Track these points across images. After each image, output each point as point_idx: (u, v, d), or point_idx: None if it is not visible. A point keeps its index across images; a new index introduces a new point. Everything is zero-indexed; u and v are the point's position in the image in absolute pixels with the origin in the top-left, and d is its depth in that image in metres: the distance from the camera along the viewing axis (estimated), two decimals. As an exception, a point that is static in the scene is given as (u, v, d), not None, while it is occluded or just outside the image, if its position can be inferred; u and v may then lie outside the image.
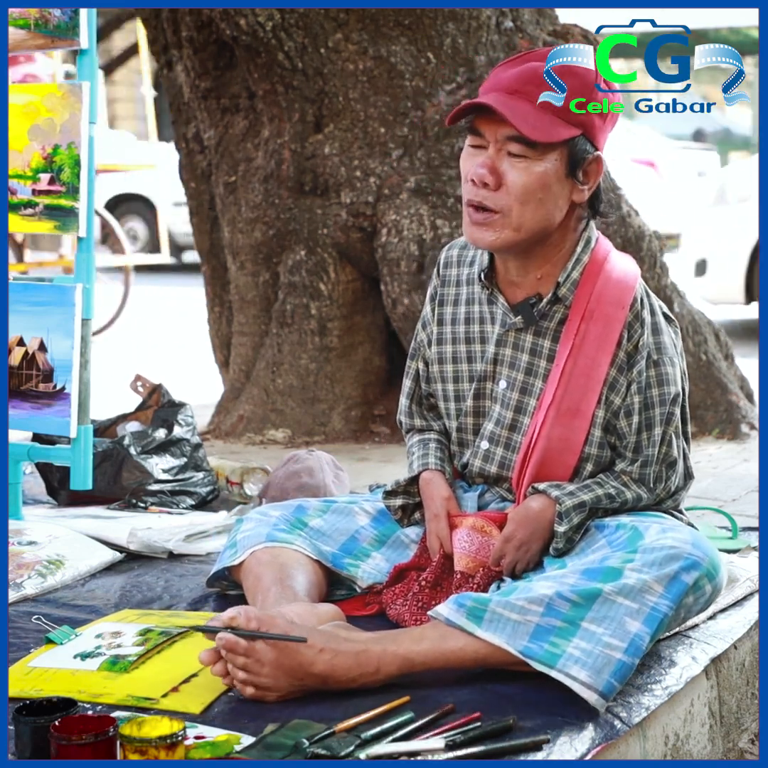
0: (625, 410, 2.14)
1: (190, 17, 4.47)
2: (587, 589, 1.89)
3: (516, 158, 2.05)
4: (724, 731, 2.12)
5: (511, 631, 1.88)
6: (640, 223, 4.47)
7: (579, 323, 2.14)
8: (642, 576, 1.91)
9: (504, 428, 2.22)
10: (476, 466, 2.27)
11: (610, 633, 1.86)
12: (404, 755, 1.68)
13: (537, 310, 2.16)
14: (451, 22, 4.27)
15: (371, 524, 2.35)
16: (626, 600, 1.89)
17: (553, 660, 1.85)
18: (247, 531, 2.31)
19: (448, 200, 4.26)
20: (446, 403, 2.32)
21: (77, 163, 2.78)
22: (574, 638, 1.86)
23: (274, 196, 4.48)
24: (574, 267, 2.15)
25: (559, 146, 2.05)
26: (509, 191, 2.05)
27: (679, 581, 1.92)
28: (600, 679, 1.83)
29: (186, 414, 3.34)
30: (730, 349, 4.68)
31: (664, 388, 2.14)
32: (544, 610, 1.88)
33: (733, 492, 3.59)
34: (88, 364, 2.82)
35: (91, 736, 1.58)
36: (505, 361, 2.22)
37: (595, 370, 2.13)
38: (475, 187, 2.07)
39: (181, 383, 5.11)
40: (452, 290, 2.32)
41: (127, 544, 2.76)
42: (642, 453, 2.15)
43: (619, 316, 2.13)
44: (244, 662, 1.84)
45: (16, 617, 2.30)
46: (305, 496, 2.71)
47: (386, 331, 4.51)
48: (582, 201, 2.12)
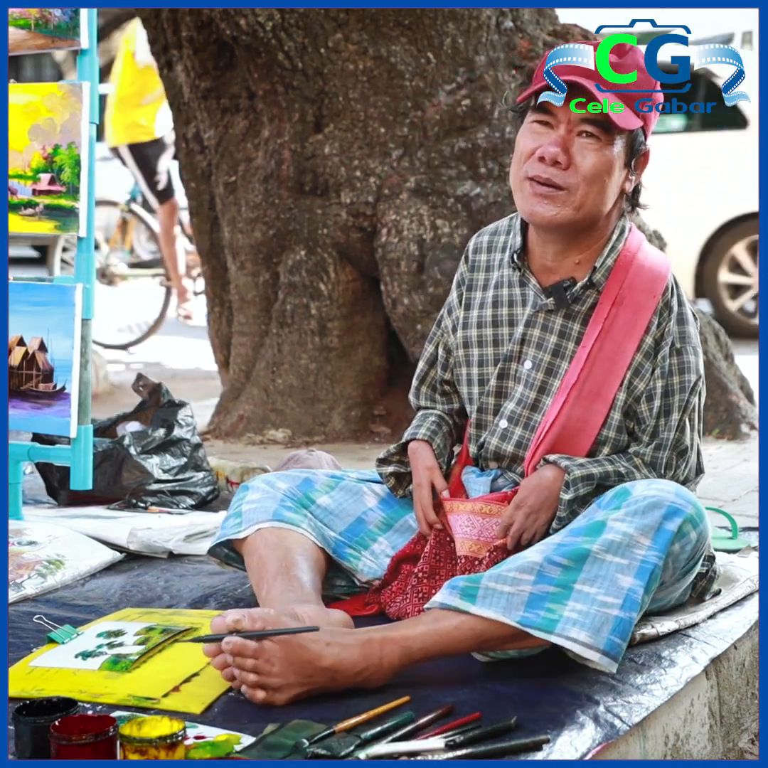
0: (647, 395, 2.18)
1: (190, 17, 4.47)
2: (575, 550, 1.91)
3: (588, 139, 2.10)
4: (724, 731, 2.12)
5: (505, 603, 1.89)
6: (640, 222, 4.47)
7: (610, 308, 2.18)
8: (626, 528, 1.92)
9: (525, 408, 2.24)
10: (493, 445, 2.28)
11: (604, 591, 1.87)
12: (404, 755, 1.68)
13: (570, 293, 2.20)
14: (451, 22, 4.27)
15: (379, 506, 2.35)
16: (615, 557, 1.90)
17: (551, 625, 1.86)
18: (253, 503, 2.28)
19: (448, 200, 4.26)
20: (469, 388, 2.33)
21: (77, 163, 2.78)
22: (568, 601, 1.87)
23: (274, 196, 4.48)
24: (609, 254, 2.20)
25: (625, 134, 2.12)
26: (578, 171, 2.10)
27: (664, 530, 1.93)
28: (600, 637, 1.85)
29: (186, 414, 3.34)
30: (730, 349, 4.68)
31: (684, 376, 2.19)
32: (536, 577, 1.90)
33: (733, 492, 3.59)
34: (88, 364, 2.82)
35: (91, 736, 1.58)
36: (533, 342, 2.24)
37: (620, 356, 2.17)
38: (543, 165, 2.11)
39: (181, 383, 5.11)
40: (482, 275, 2.35)
41: (127, 544, 2.76)
42: (658, 437, 2.18)
43: (650, 304, 2.18)
44: (253, 664, 1.83)
45: (16, 617, 2.30)
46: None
47: (386, 331, 4.51)
48: (629, 191, 2.19)
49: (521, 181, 2.15)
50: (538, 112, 2.13)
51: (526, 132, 2.15)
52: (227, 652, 1.84)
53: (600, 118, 2.08)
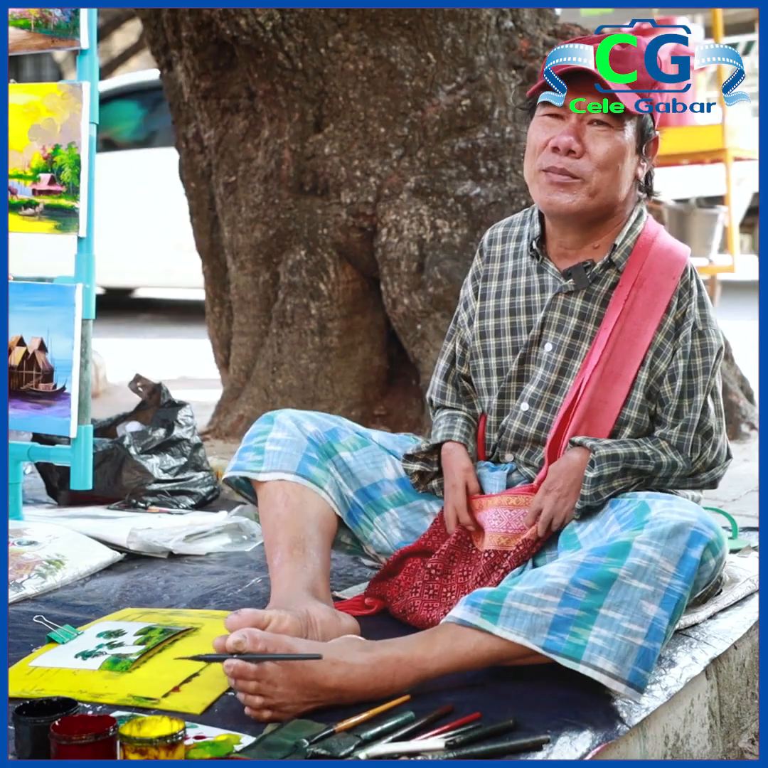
0: (669, 375, 2.20)
1: (190, 17, 4.46)
2: (601, 573, 1.88)
3: (599, 127, 2.13)
4: (724, 731, 2.12)
5: (529, 624, 1.86)
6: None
7: (630, 289, 2.20)
8: (651, 554, 1.89)
9: (547, 390, 2.25)
10: (514, 428, 2.28)
11: (629, 618, 1.85)
12: (404, 755, 1.68)
13: (590, 273, 2.22)
14: (451, 22, 4.27)
15: (397, 482, 2.36)
16: (641, 583, 1.88)
17: (578, 653, 1.84)
18: (278, 444, 2.27)
19: (448, 200, 4.26)
20: (488, 378, 2.34)
21: (77, 163, 2.78)
22: (593, 626, 1.85)
23: (274, 196, 4.48)
24: (628, 235, 2.23)
25: (635, 120, 2.15)
26: (592, 158, 2.13)
27: (689, 558, 1.92)
28: (625, 668, 1.83)
29: (186, 414, 3.34)
30: (730, 349, 4.68)
31: (708, 358, 2.21)
32: (561, 599, 1.87)
33: (733, 492, 3.58)
34: (88, 364, 2.82)
35: (91, 736, 1.58)
36: (553, 324, 2.26)
37: (640, 337, 2.19)
38: (557, 155, 2.14)
39: (181, 383, 5.11)
40: (497, 265, 2.37)
41: (127, 544, 2.76)
42: (683, 417, 2.19)
43: (669, 286, 2.20)
44: (256, 686, 1.79)
45: (16, 617, 2.30)
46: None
47: (386, 331, 4.50)
48: (641, 177, 2.22)
49: (536, 173, 2.18)
50: (549, 105, 2.16)
51: (537, 126, 2.19)
52: (229, 676, 1.80)
53: (616, 99, 2.11)
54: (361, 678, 1.83)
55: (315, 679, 1.80)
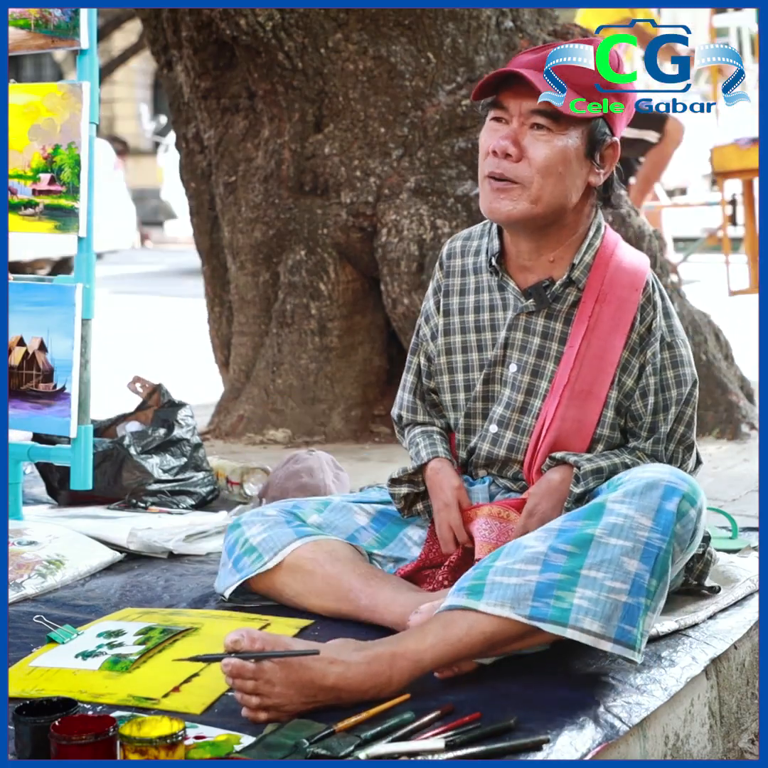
0: (641, 392, 2.18)
1: (190, 17, 4.46)
2: (579, 536, 1.89)
3: (539, 131, 2.08)
4: (724, 731, 2.12)
5: (513, 594, 1.86)
6: (641, 223, 4.47)
7: (593, 305, 2.17)
8: (626, 510, 1.90)
9: (514, 411, 2.23)
10: (484, 450, 2.26)
11: (611, 576, 1.86)
12: (404, 755, 1.68)
13: (550, 292, 2.19)
14: (451, 22, 4.27)
15: (372, 525, 2.32)
16: (619, 540, 1.89)
17: (565, 617, 1.83)
18: (261, 533, 2.24)
19: (448, 200, 4.26)
20: (453, 395, 2.31)
21: (77, 163, 2.78)
22: (577, 588, 1.85)
23: (274, 196, 4.48)
24: (587, 251, 2.19)
25: (581, 124, 2.09)
26: (531, 163, 2.09)
27: (665, 511, 1.92)
28: (610, 626, 1.84)
29: (186, 414, 3.34)
30: (730, 349, 4.68)
31: (679, 370, 2.19)
32: (542, 567, 1.88)
33: (733, 492, 3.58)
34: (88, 364, 2.82)
35: (91, 736, 1.58)
36: (516, 345, 2.23)
37: (608, 352, 2.16)
38: (496, 159, 2.10)
39: (181, 383, 5.11)
40: (458, 280, 2.32)
41: (127, 544, 2.76)
42: (656, 432, 2.18)
43: (633, 299, 2.17)
44: (254, 685, 1.77)
45: (16, 617, 2.30)
46: (305, 496, 2.70)
47: (386, 331, 4.51)
48: (597, 185, 2.16)
49: (482, 180, 2.15)
50: (493, 109, 2.13)
51: (485, 130, 2.15)
52: (226, 674, 1.78)
53: (548, 108, 2.06)
54: (358, 675, 1.82)
55: (313, 678, 1.79)
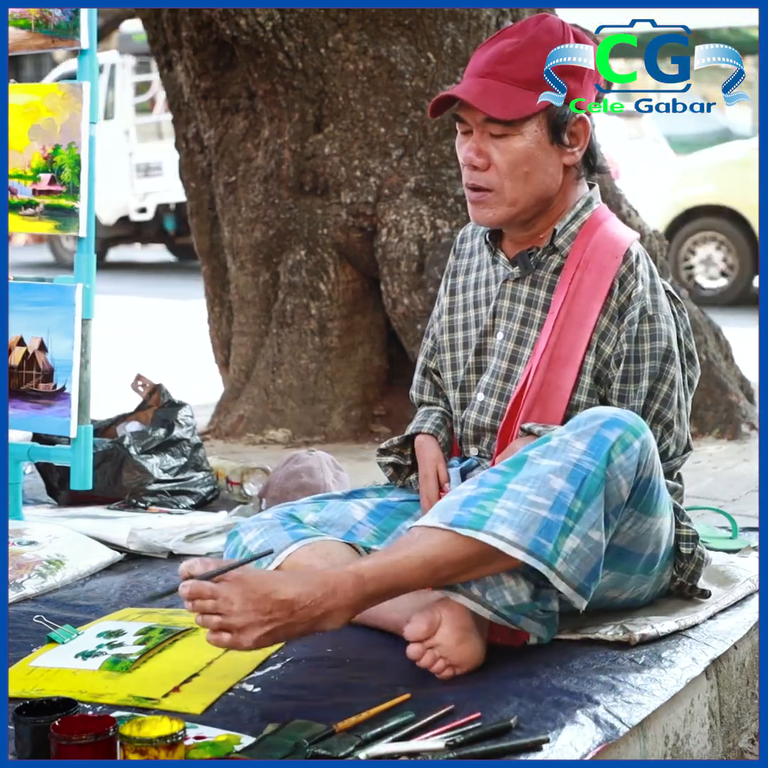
0: (616, 359, 2.17)
1: (190, 17, 4.46)
2: (515, 458, 1.95)
3: (497, 138, 2.12)
4: (724, 731, 2.12)
5: (443, 506, 1.92)
6: (640, 223, 4.47)
7: (574, 272, 2.18)
8: (564, 436, 1.94)
9: (499, 379, 2.25)
10: (472, 418, 2.28)
11: (536, 491, 1.88)
12: (404, 755, 1.68)
13: (534, 258, 2.21)
14: (451, 22, 4.27)
15: (369, 519, 2.31)
16: (551, 461, 1.92)
17: (481, 523, 1.87)
18: (258, 539, 2.22)
19: (448, 200, 4.26)
20: (454, 372, 2.34)
21: (78, 163, 2.78)
22: (500, 499, 1.89)
23: (274, 196, 4.48)
24: (573, 221, 2.21)
25: (536, 117, 2.12)
26: (497, 170, 2.13)
27: (601, 437, 1.93)
28: (526, 537, 1.86)
29: (186, 414, 3.34)
30: (730, 349, 4.68)
31: (656, 343, 2.17)
32: (477, 485, 1.94)
33: (733, 492, 3.59)
34: (88, 364, 2.82)
35: (91, 736, 1.58)
36: (503, 313, 2.26)
37: (586, 318, 2.17)
38: (468, 170, 2.16)
39: (181, 383, 5.11)
40: (465, 261, 2.38)
41: (127, 544, 2.76)
42: (627, 404, 2.16)
43: (612, 265, 2.17)
44: (213, 604, 1.79)
45: (16, 617, 2.30)
46: (305, 496, 2.70)
47: (386, 331, 4.51)
48: (574, 163, 2.18)
49: (465, 190, 2.20)
50: (457, 122, 2.18)
51: (457, 142, 2.20)
52: (185, 597, 1.80)
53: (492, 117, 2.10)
54: (307, 589, 1.83)
55: (267, 592, 1.80)
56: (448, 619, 1.94)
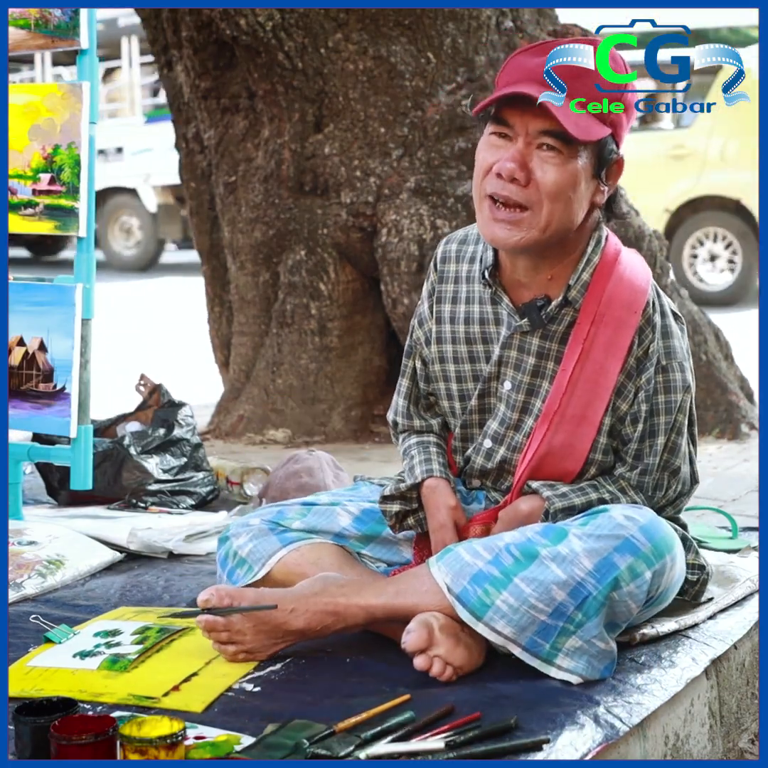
0: (632, 417, 2.10)
1: (190, 17, 4.47)
2: (529, 549, 1.94)
3: (549, 153, 1.97)
4: (724, 731, 2.12)
5: (458, 568, 1.95)
6: (640, 223, 4.47)
7: (589, 327, 2.07)
8: (576, 546, 1.92)
9: (509, 429, 2.18)
10: (478, 464, 2.23)
11: (537, 596, 1.90)
12: (404, 755, 1.68)
13: (545, 312, 2.09)
14: (451, 22, 4.27)
15: (354, 524, 2.28)
16: (557, 569, 1.91)
17: (482, 611, 1.91)
18: (248, 545, 2.22)
19: (448, 200, 4.26)
20: (450, 402, 2.26)
21: (77, 163, 2.78)
22: (504, 591, 1.91)
23: (274, 196, 4.48)
24: (585, 269, 2.08)
25: (591, 145, 1.98)
26: (540, 188, 1.97)
27: (610, 563, 1.91)
28: (523, 635, 1.91)
29: (186, 414, 3.34)
30: (730, 349, 4.68)
31: (671, 396, 2.10)
32: (492, 558, 1.94)
33: (733, 492, 3.59)
34: (88, 364, 2.82)
35: (91, 736, 1.58)
36: (510, 363, 2.16)
37: (603, 377, 2.07)
38: (501, 181, 1.98)
39: (182, 383, 5.11)
40: (450, 287, 2.24)
41: (127, 544, 2.76)
42: (642, 461, 2.11)
43: (631, 322, 2.06)
44: (227, 636, 2.00)
45: (16, 617, 2.30)
46: (305, 496, 2.70)
47: (386, 331, 4.51)
48: (601, 203, 2.07)
49: (481, 199, 2.02)
50: (496, 124, 2.00)
51: (484, 145, 2.03)
52: (202, 629, 2.00)
53: (560, 129, 1.94)
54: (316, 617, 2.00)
55: (278, 625, 2.01)
56: (438, 626, 1.95)
